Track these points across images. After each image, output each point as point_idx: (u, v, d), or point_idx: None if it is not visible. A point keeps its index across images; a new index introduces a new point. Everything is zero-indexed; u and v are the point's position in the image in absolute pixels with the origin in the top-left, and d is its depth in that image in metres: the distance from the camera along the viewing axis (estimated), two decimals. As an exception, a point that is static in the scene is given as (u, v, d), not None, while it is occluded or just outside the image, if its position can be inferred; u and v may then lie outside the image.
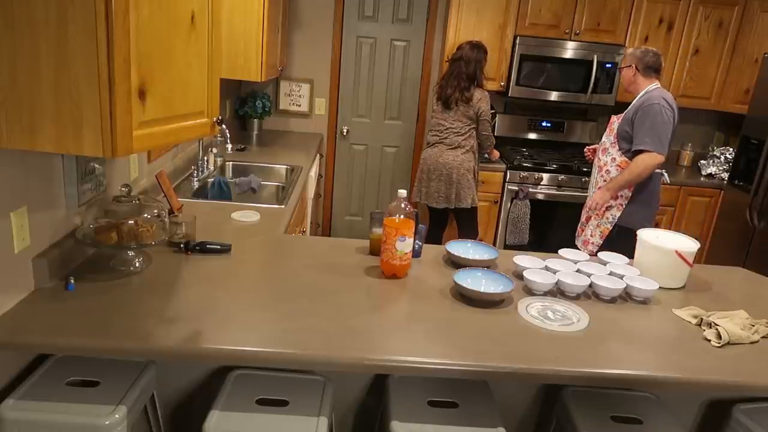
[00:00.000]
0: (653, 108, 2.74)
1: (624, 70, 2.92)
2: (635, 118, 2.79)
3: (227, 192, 2.96)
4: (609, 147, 2.93)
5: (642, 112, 2.77)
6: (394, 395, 1.63)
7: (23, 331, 1.40)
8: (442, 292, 1.81)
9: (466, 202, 3.60)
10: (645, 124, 2.75)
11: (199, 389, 1.81)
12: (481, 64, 3.46)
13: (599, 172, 2.98)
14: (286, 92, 4.48)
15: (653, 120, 2.73)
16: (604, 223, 2.95)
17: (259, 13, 3.16)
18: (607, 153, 2.94)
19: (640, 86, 2.86)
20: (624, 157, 2.86)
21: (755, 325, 1.71)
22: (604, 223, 2.95)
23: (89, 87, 1.24)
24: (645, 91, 2.84)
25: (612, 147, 2.91)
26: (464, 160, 3.54)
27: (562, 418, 1.69)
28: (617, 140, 2.88)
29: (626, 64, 2.90)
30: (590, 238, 3.01)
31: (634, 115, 2.80)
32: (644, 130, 2.74)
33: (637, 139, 2.77)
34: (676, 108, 2.80)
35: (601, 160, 2.98)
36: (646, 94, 2.82)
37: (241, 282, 1.77)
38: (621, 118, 2.89)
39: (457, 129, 3.51)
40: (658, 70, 2.86)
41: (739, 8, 4.04)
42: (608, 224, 2.94)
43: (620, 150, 2.87)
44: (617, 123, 2.90)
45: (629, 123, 2.82)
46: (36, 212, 1.58)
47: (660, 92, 2.80)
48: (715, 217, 4.18)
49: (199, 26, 1.60)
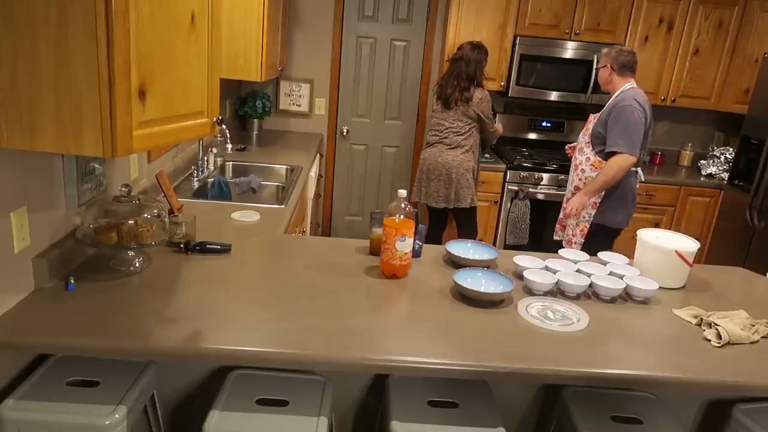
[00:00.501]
0: (625, 110, 2.79)
1: (600, 70, 3.00)
2: (608, 119, 2.85)
3: (227, 192, 2.96)
4: (584, 146, 3.00)
5: (615, 113, 2.82)
6: (394, 395, 1.63)
7: (23, 331, 1.40)
8: (442, 292, 1.81)
9: (465, 201, 3.60)
10: (617, 125, 2.81)
11: (199, 389, 1.81)
12: (481, 64, 3.47)
13: (575, 171, 3.06)
14: (286, 92, 4.48)
15: (625, 122, 2.79)
16: (582, 221, 3.02)
17: (259, 12, 3.16)
18: (583, 152, 3.01)
19: (616, 85, 2.92)
20: (598, 157, 2.92)
21: (755, 325, 1.71)
22: (582, 221, 3.02)
23: (89, 87, 1.24)
24: (620, 91, 2.89)
25: (587, 147, 2.98)
26: (464, 159, 3.54)
27: (562, 418, 1.69)
28: (591, 140, 2.95)
29: (602, 65, 2.97)
30: (572, 237, 3.07)
31: (608, 116, 2.86)
32: (616, 131, 2.80)
33: (610, 140, 2.83)
34: (648, 108, 2.85)
35: (577, 159, 3.05)
36: (621, 93, 2.87)
37: (241, 282, 1.77)
38: (597, 118, 2.95)
39: (457, 129, 3.51)
40: (634, 69, 2.92)
41: (739, 8, 4.04)
42: (585, 222, 3.00)
43: (594, 150, 2.93)
44: (593, 123, 2.96)
45: (603, 124, 2.88)
46: (36, 212, 1.58)
47: (633, 92, 2.84)
48: (715, 217, 4.18)
49: (199, 26, 1.60)
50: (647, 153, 4.52)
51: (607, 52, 2.97)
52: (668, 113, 4.58)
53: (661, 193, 4.12)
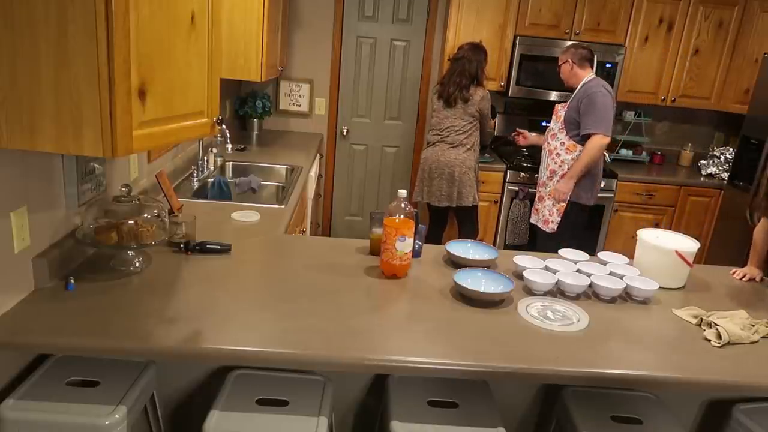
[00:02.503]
0: (596, 95, 3.06)
1: (562, 66, 3.26)
2: (581, 105, 3.11)
3: (227, 192, 2.96)
4: (557, 132, 3.26)
5: (587, 99, 3.09)
6: (394, 395, 1.63)
7: (23, 331, 1.40)
8: (442, 292, 1.81)
9: (467, 200, 3.62)
10: (592, 110, 3.07)
11: (199, 389, 1.81)
12: (482, 64, 3.51)
13: (549, 156, 3.30)
14: (286, 92, 4.48)
15: (598, 106, 3.06)
16: (560, 202, 3.26)
17: (259, 13, 3.16)
18: (556, 138, 3.27)
19: (579, 77, 3.19)
20: (572, 141, 3.18)
21: (755, 325, 1.71)
22: (560, 202, 3.26)
23: (89, 87, 1.24)
24: (584, 81, 3.16)
25: (560, 132, 3.24)
26: (466, 158, 3.56)
27: (562, 418, 1.69)
28: (565, 126, 3.20)
29: (563, 61, 3.25)
30: (549, 216, 3.31)
31: (579, 103, 3.12)
32: (591, 115, 3.07)
33: (586, 124, 3.09)
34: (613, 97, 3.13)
35: (550, 144, 3.31)
36: (587, 83, 3.14)
37: (241, 282, 1.77)
38: (567, 106, 3.23)
39: (458, 127, 3.52)
40: (592, 61, 3.21)
41: (739, 8, 4.04)
42: (563, 202, 3.24)
43: (568, 135, 3.20)
44: (563, 111, 3.23)
45: (576, 110, 3.14)
46: (36, 212, 1.58)
47: (597, 81, 3.13)
48: (715, 217, 4.18)
49: (199, 26, 1.60)
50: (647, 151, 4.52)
51: (565, 50, 3.25)
52: (668, 113, 4.58)
53: (661, 193, 4.12)
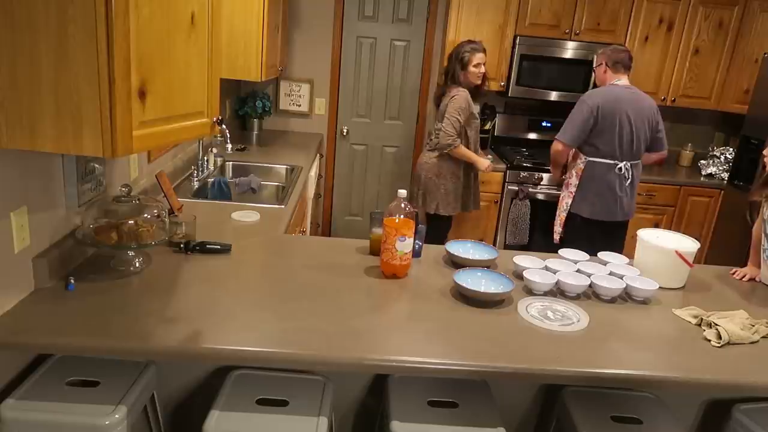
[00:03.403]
0: (578, 102, 3.01)
1: (596, 69, 3.14)
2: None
3: (227, 192, 2.96)
4: None
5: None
6: (394, 395, 1.63)
7: (23, 331, 1.40)
8: (442, 292, 1.81)
9: (429, 207, 3.38)
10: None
11: (199, 389, 1.81)
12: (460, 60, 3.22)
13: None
14: (286, 92, 4.48)
15: (572, 112, 3.02)
16: (561, 211, 3.19)
17: (259, 13, 3.16)
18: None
19: (607, 81, 3.06)
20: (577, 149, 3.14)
21: (755, 325, 1.71)
22: (561, 211, 3.19)
23: (89, 87, 1.24)
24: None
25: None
26: (435, 163, 3.33)
27: (562, 418, 1.69)
28: None
29: (598, 63, 3.12)
30: (556, 227, 3.25)
31: None
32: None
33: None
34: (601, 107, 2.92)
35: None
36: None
37: (241, 282, 1.77)
38: None
39: (437, 128, 3.32)
40: (627, 66, 3.03)
41: (739, 8, 4.04)
42: (563, 212, 3.17)
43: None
44: None
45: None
46: (36, 212, 1.58)
47: (603, 89, 3.01)
48: (715, 217, 4.18)
49: (199, 26, 1.60)
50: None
51: (602, 51, 3.09)
52: (668, 113, 4.57)
53: (661, 193, 4.12)
